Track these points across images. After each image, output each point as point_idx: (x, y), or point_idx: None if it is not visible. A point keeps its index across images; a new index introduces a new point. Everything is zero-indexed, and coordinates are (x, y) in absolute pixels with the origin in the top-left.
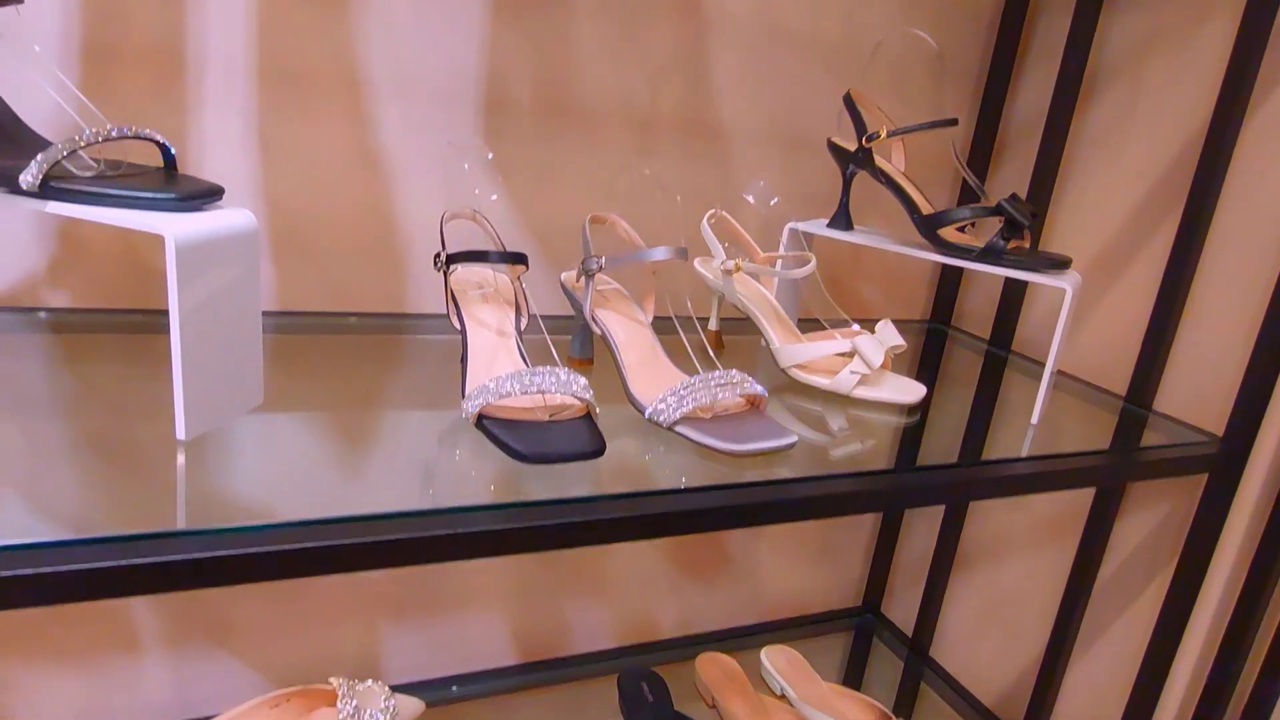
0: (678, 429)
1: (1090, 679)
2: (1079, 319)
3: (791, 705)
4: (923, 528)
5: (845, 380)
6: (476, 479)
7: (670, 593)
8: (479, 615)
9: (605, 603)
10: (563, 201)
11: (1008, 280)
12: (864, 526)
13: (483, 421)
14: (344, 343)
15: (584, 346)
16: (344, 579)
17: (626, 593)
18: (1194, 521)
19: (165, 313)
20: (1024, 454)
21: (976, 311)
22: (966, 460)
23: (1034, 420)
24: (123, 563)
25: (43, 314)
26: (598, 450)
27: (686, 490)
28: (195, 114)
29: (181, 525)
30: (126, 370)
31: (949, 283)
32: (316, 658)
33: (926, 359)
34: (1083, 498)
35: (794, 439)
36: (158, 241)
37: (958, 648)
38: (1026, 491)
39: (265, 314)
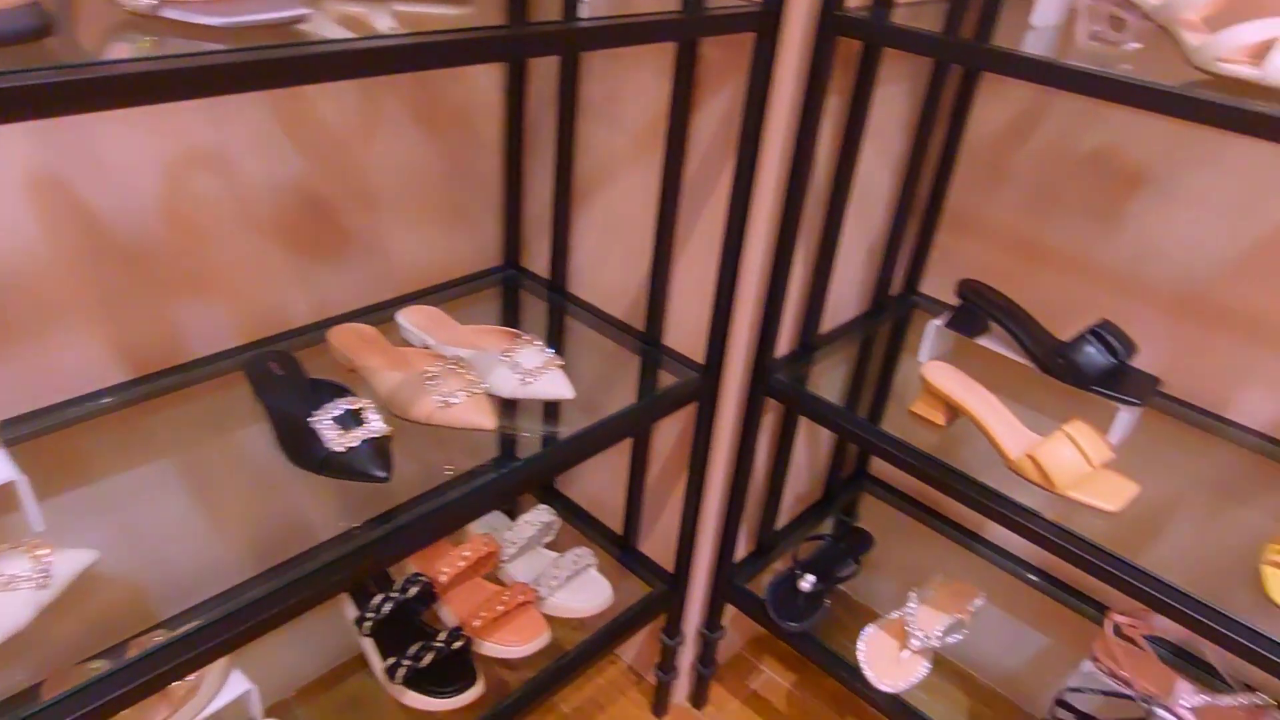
0: (162, 12)
1: (691, 269)
2: None
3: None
4: (543, 175)
5: None
6: None
7: (296, 282)
8: (68, 338)
9: (223, 303)
10: None
11: None
12: (490, 186)
13: None
14: None
15: None
16: None
17: (245, 288)
18: (748, 89)
19: None
20: None
21: None
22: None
23: None
24: None
25: None
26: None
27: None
28: None
29: None
30: None
31: None
32: None
33: None
34: (662, 105)
35: (304, 10)
36: None
37: (590, 278)
38: (600, 45)
39: None
